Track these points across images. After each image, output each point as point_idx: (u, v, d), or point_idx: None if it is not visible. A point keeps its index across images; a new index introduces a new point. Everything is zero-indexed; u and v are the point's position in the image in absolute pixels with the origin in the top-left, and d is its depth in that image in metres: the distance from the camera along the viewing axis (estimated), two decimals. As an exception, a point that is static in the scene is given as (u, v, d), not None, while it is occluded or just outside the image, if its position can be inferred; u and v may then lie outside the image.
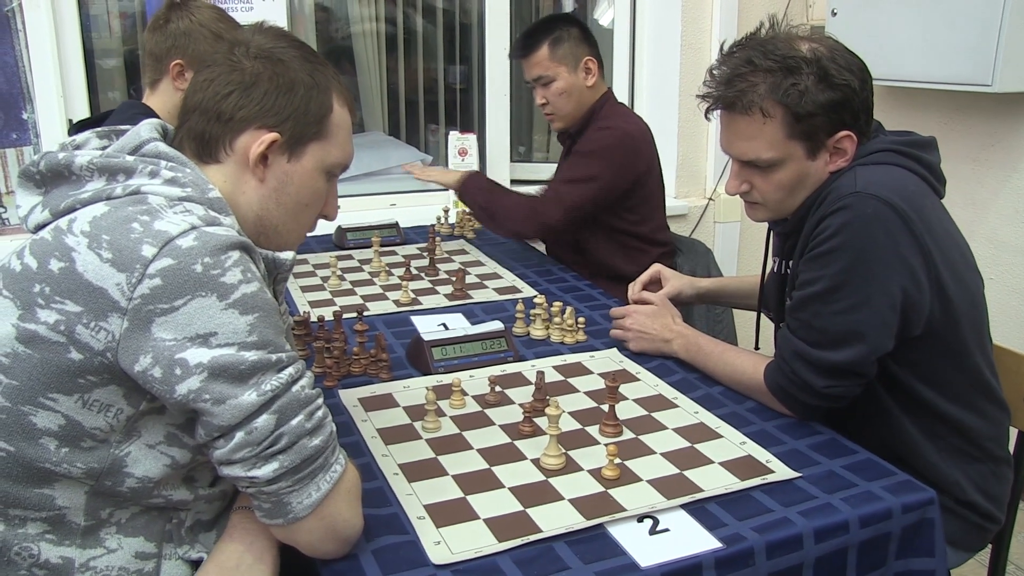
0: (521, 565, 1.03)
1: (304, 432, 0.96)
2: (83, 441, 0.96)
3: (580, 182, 2.23)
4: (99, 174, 1.00)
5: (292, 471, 0.96)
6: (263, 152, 1.06)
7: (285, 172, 1.09)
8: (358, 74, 3.50)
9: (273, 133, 1.06)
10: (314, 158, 1.10)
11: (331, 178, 1.15)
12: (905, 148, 1.38)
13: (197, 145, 1.07)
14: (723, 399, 1.47)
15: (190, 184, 1.01)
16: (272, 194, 1.09)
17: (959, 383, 1.39)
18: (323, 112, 1.09)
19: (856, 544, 1.14)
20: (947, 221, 1.40)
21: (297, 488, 0.97)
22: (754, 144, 1.36)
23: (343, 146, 1.13)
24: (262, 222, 1.10)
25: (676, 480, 1.21)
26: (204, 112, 1.06)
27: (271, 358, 0.95)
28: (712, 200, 3.26)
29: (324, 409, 1.00)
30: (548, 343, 1.74)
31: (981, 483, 1.42)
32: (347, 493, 1.02)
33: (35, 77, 2.45)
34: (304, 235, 1.18)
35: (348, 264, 2.27)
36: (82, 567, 1.00)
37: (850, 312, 1.31)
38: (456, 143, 2.97)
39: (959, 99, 2.63)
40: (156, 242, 0.91)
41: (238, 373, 0.93)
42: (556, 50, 2.27)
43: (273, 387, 0.94)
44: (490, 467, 1.25)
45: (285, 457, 0.95)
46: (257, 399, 0.93)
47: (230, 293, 0.93)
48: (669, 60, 3.12)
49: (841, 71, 1.32)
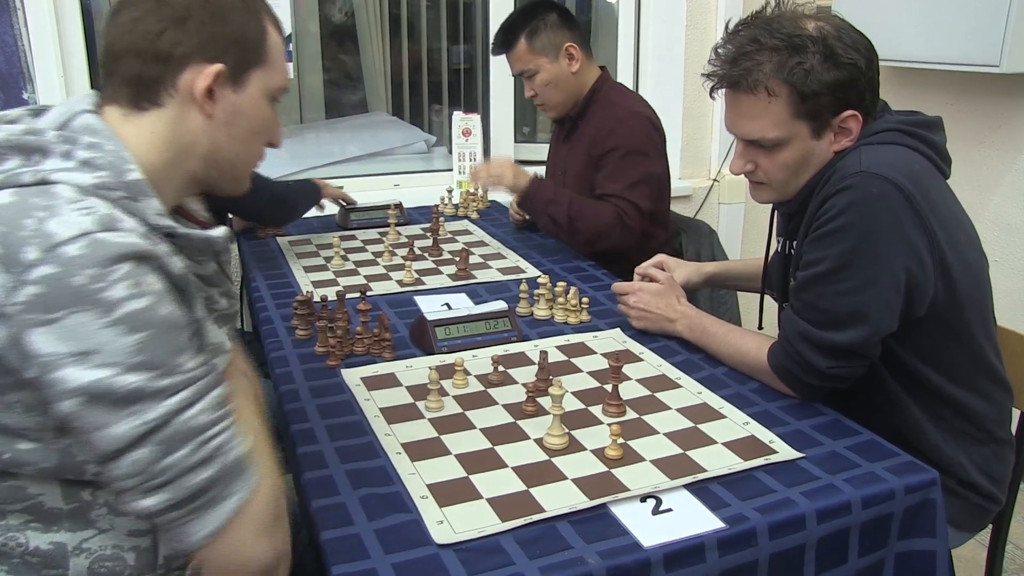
0: (524, 545, 1.03)
1: (188, 467, 0.88)
2: (18, 443, 0.91)
3: (642, 183, 2.19)
4: (14, 153, 0.93)
5: (177, 505, 0.89)
6: (209, 86, 1.00)
7: (233, 104, 1.03)
8: (361, 54, 3.49)
9: (217, 65, 0.99)
10: (258, 85, 1.05)
11: (274, 103, 1.09)
12: (911, 128, 1.37)
13: (133, 92, 1.00)
14: (726, 380, 1.47)
15: (107, 166, 0.94)
16: (223, 128, 1.03)
17: (963, 365, 1.39)
18: (260, 36, 1.04)
19: (858, 524, 1.14)
20: (952, 201, 1.39)
21: (191, 519, 0.90)
22: (759, 123, 1.35)
23: (281, 69, 1.08)
24: (213, 158, 1.05)
25: (679, 460, 1.21)
26: (138, 54, 0.98)
27: (156, 385, 0.87)
28: (717, 181, 3.25)
29: (224, 436, 0.92)
30: (552, 323, 1.74)
31: (983, 464, 1.42)
32: (253, 523, 0.93)
33: (35, 56, 2.43)
34: (255, 165, 1.12)
35: (351, 244, 2.26)
36: (76, 550, 0.98)
37: (854, 293, 1.30)
38: (460, 123, 2.96)
39: (966, 80, 2.61)
40: (42, 245, 0.84)
41: (114, 400, 0.85)
42: (534, 42, 2.23)
43: (153, 419, 0.86)
44: (493, 447, 1.25)
45: (169, 491, 0.88)
46: (130, 432, 0.86)
47: (113, 310, 0.85)
48: (674, 40, 3.10)
49: (847, 50, 1.31)
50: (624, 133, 2.20)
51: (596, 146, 2.24)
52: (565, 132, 2.39)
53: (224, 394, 0.95)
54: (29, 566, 0.97)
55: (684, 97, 3.15)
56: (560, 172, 2.41)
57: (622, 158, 2.19)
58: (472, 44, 3.54)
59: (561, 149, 2.41)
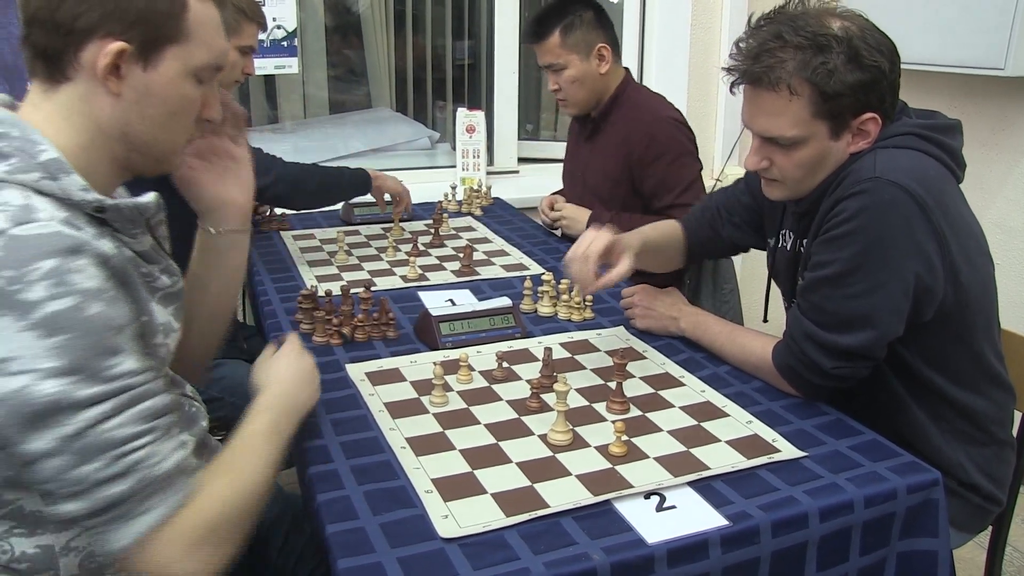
0: (528, 540, 1.04)
1: (101, 480, 0.86)
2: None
3: (694, 184, 2.21)
4: None
5: (94, 514, 0.88)
6: (112, 63, 0.93)
7: (143, 83, 0.96)
8: (366, 50, 3.49)
9: (119, 42, 0.92)
10: (175, 63, 0.97)
11: (204, 81, 1.02)
12: (927, 132, 1.36)
13: (43, 64, 0.95)
14: (730, 378, 1.47)
15: (16, 152, 0.90)
16: (133, 107, 0.96)
17: (967, 368, 1.40)
18: (175, 10, 0.96)
19: (860, 524, 1.15)
20: (964, 207, 1.39)
21: (108, 528, 0.89)
22: (778, 121, 1.34)
23: (209, 44, 1.00)
24: (129, 139, 0.99)
25: (683, 458, 1.22)
26: (42, 24, 0.92)
27: (75, 395, 0.83)
28: (719, 180, 3.24)
29: (146, 450, 0.89)
30: (555, 320, 1.75)
31: (985, 466, 1.43)
32: (180, 539, 0.91)
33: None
34: (183, 143, 1.06)
35: (355, 239, 2.27)
36: (64, 550, 0.96)
37: (862, 297, 1.31)
38: (464, 120, 2.96)
39: (970, 82, 2.61)
40: None
41: (31, 414, 0.82)
42: (568, 37, 2.21)
43: (66, 434, 0.84)
44: (497, 442, 1.26)
45: (82, 501, 0.87)
46: (44, 447, 0.84)
47: (32, 311, 0.81)
48: (678, 40, 3.10)
49: (872, 52, 1.29)
50: (665, 139, 2.20)
51: (633, 153, 2.22)
52: (587, 132, 2.38)
53: (154, 406, 0.91)
54: (18, 573, 0.95)
55: (688, 97, 3.15)
56: (580, 172, 2.40)
57: (670, 164, 2.20)
58: (477, 40, 3.54)
59: (582, 149, 2.40)
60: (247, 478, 1.01)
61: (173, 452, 0.92)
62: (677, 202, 2.18)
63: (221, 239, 1.18)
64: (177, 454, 0.93)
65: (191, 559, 0.92)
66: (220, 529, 0.95)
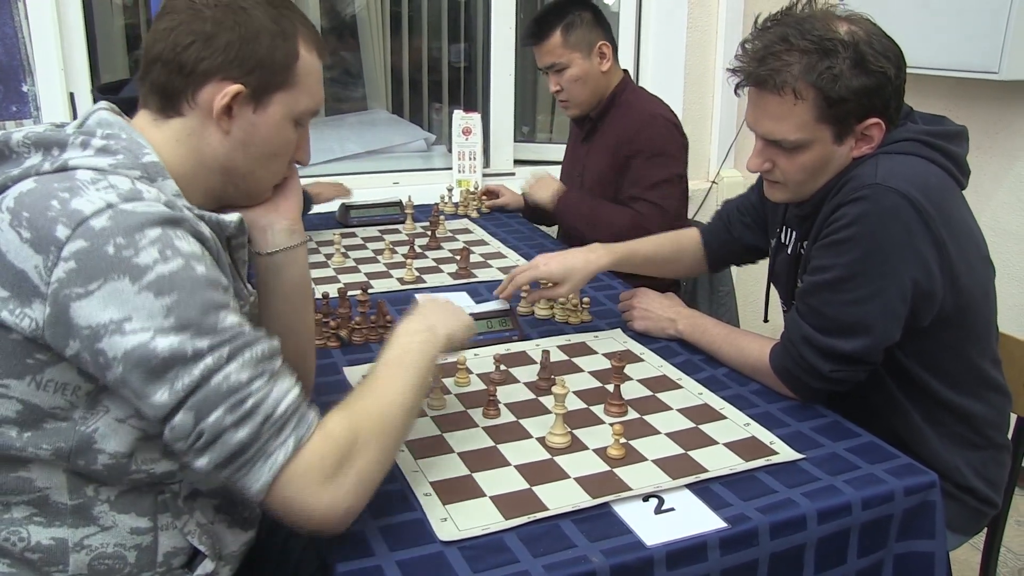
0: (528, 542, 1.04)
1: (224, 427, 0.91)
2: (45, 423, 0.93)
3: (664, 184, 2.20)
4: (35, 149, 0.96)
5: (225, 463, 0.93)
6: (227, 105, 1.03)
7: (251, 123, 1.06)
8: (362, 51, 3.49)
9: (237, 85, 1.02)
10: (281, 107, 1.07)
11: (300, 125, 1.12)
12: (931, 139, 1.36)
13: (160, 99, 1.04)
14: (727, 381, 1.48)
15: (122, 150, 0.98)
16: (239, 145, 1.06)
17: (964, 372, 1.40)
18: (289, 60, 1.06)
19: (858, 526, 1.15)
20: (966, 214, 1.39)
21: (241, 475, 0.94)
22: (782, 124, 1.34)
23: (312, 92, 1.11)
24: (228, 173, 1.08)
25: (681, 460, 1.22)
26: (165, 64, 1.02)
27: (188, 348, 0.89)
28: (715, 183, 3.25)
29: (260, 393, 0.94)
30: (552, 323, 1.75)
31: (981, 469, 1.44)
32: (302, 477, 0.94)
33: (35, 49, 2.41)
34: (276, 181, 1.16)
35: (352, 242, 2.26)
36: (76, 546, 0.98)
37: (860, 303, 1.31)
38: (460, 122, 2.96)
39: (964, 86, 2.63)
40: (70, 223, 0.88)
41: (151, 369, 0.88)
42: (569, 36, 2.23)
43: (186, 385, 0.89)
44: (496, 445, 1.26)
45: (213, 451, 0.92)
46: (169, 399, 0.89)
47: (144, 274, 0.88)
48: (675, 43, 3.10)
49: (878, 57, 1.29)
50: (648, 136, 2.22)
51: (621, 150, 2.25)
52: (584, 133, 2.40)
53: (262, 351, 0.96)
54: (29, 563, 0.97)
55: (684, 99, 3.15)
56: (578, 173, 2.41)
57: (646, 160, 2.21)
58: (473, 43, 3.54)
59: (579, 150, 2.42)
60: (382, 401, 1.04)
61: (287, 392, 0.97)
62: (641, 196, 2.19)
63: (272, 260, 1.18)
64: (291, 393, 0.97)
65: (320, 494, 0.95)
66: (353, 457, 0.98)
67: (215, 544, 1.07)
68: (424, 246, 2.22)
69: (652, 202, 2.17)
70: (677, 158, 2.24)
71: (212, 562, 1.06)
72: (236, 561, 1.11)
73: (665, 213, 2.17)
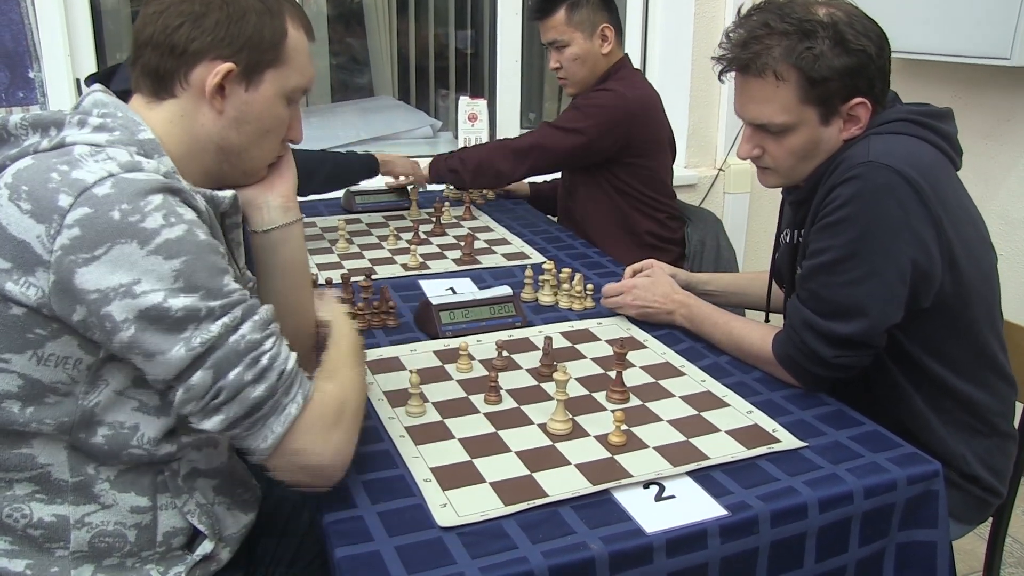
0: (527, 529, 1.04)
1: (244, 384, 0.94)
2: (47, 397, 0.95)
3: (563, 130, 2.26)
4: (32, 130, 0.98)
5: (239, 421, 0.95)
6: (219, 83, 1.05)
7: (244, 101, 1.07)
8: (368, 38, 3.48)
9: (228, 64, 1.04)
10: (273, 85, 1.09)
11: (292, 103, 1.14)
12: (921, 118, 1.36)
13: (152, 82, 1.06)
14: (730, 368, 1.47)
15: (119, 127, 1.00)
16: (232, 124, 1.08)
17: (968, 358, 1.39)
18: (277, 38, 1.07)
19: (860, 514, 1.14)
20: (962, 194, 1.39)
21: (252, 432, 0.97)
22: (767, 107, 1.35)
23: (301, 69, 1.12)
24: (223, 152, 1.10)
25: (682, 447, 1.22)
26: (156, 46, 1.04)
27: (201, 308, 0.92)
28: (722, 171, 3.24)
29: (273, 351, 0.98)
30: (556, 309, 1.74)
31: (986, 457, 1.42)
32: (311, 427, 1.00)
33: (42, 35, 2.42)
34: (270, 159, 1.17)
35: (356, 227, 2.26)
36: (77, 523, 0.99)
37: (858, 284, 1.30)
38: (466, 109, 2.95)
39: (975, 72, 2.60)
40: (72, 191, 0.89)
41: (167, 326, 0.90)
42: (573, 15, 2.26)
43: (204, 341, 0.92)
44: (496, 431, 1.26)
45: (229, 409, 0.94)
46: (186, 355, 0.91)
47: (152, 239, 0.90)
48: (682, 28, 3.09)
49: (858, 36, 1.31)
50: (592, 95, 2.29)
51: None
52: None
53: (267, 314, 1.00)
54: (31, 540, 0.99)
55: (691, 86, 3.14)
56: None
57: (573, 109, 2.30)
58: (479, 29, 3.52)
59: None
60: (355, 376, 1.12)
61: (291, 352, 1.02)
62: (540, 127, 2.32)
63: (267, 237, 1.19)
64: (293, 353, 1.02)
65: (327, 442, 1.01)
66: (346, 413, 1.05)
67: (215, 524, 1.08)
68: (429, 232, 2.21)
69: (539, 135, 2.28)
70: (595, 125, 2.25)
71: (212, 543, 1.06)
72: (236, 543, 1.11)
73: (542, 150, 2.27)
